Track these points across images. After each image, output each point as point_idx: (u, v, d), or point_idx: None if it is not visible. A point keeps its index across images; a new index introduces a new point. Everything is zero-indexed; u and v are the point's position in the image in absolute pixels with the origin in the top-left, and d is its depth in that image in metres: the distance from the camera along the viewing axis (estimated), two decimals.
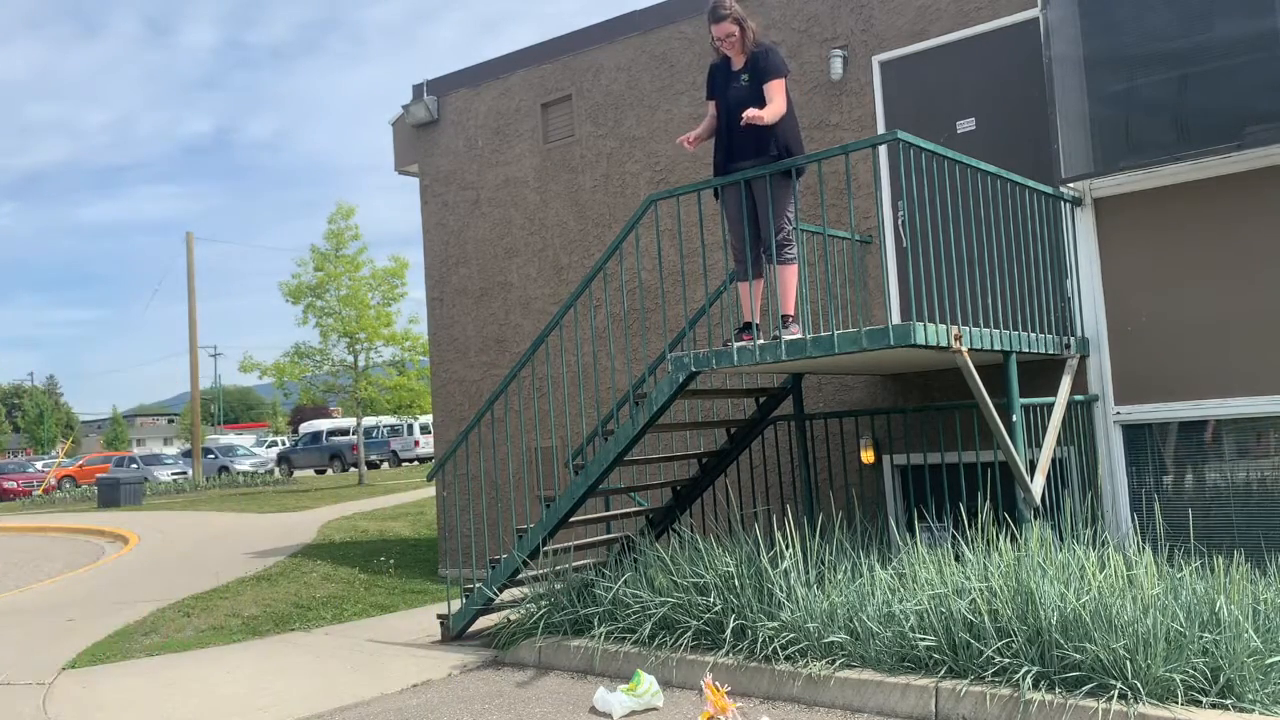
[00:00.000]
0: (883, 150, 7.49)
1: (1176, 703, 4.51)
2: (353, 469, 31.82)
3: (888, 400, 8.05)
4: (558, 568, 7.10)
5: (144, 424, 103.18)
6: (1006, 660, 4.90)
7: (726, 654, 5.80)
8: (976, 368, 5.71)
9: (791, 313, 6.24)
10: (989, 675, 4.93)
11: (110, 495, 25.23)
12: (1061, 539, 5.83)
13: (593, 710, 5.52)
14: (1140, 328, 6.87)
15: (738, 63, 6.35)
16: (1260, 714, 4.41)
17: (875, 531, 7.30)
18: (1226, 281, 6.58)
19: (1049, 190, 6.87)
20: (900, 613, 5.35)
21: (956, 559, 5.66)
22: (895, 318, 7.80)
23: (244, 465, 36.93)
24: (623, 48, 9.80)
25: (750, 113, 5.94)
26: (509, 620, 6.97)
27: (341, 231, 24.55)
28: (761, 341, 6.09)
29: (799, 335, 6.05)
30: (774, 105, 6.11)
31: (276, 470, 36.55)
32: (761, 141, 6.20)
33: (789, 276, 6.22)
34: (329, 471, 35.96)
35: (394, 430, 36.68)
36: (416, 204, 11.48)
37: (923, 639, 5.20)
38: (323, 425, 40.81)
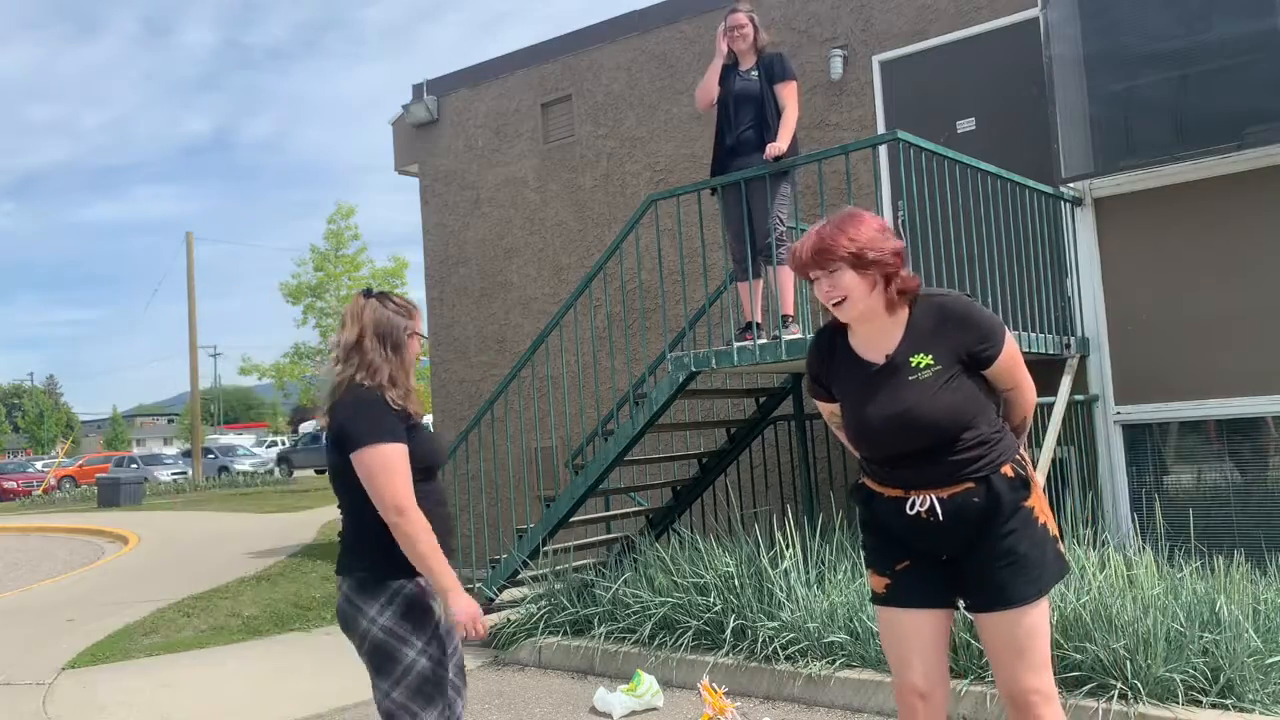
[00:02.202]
0: (883, 150, 7.50)
1: (1177, 703, 4.50)
2: None
3: None
4: (558, 568, 7.09)
5: (144, 424, 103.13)
6: None
7: (726, 654, 5.79)
8: None
9: (791, 312, 6.25)
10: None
11: (110, 495, 25.22)
12: (1061, 539, 5.82)
13: (593, 710, 5.52)
14: (1140, 328, 6.87)
15: (746, 62, 6.40)
16: (1260, 714, 4.40)
17: None
18: (1227, 281, 6.58)
19: (1049, 190, 6.87)
20: None
21: None
22: None
23: (244, 465, 36.87)
24: (623, 48, 9.80)
25: (771, 149, 6.05)
26: (509, 620, 6.97)
27: (341, 231, 24.57)
28: (762, 341, 6.09)
29: (799, 335, 6.05)
30: (789, 111, 6.20)
31: (276, 470, 36.51)
32: (763, 139, 6.23)
33: (785, 277, 6.23)
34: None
35: None
36: (416, 204, 11.48)
37: None
38: None
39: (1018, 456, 2.92)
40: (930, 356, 2.86)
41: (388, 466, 2.91)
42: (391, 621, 2.96)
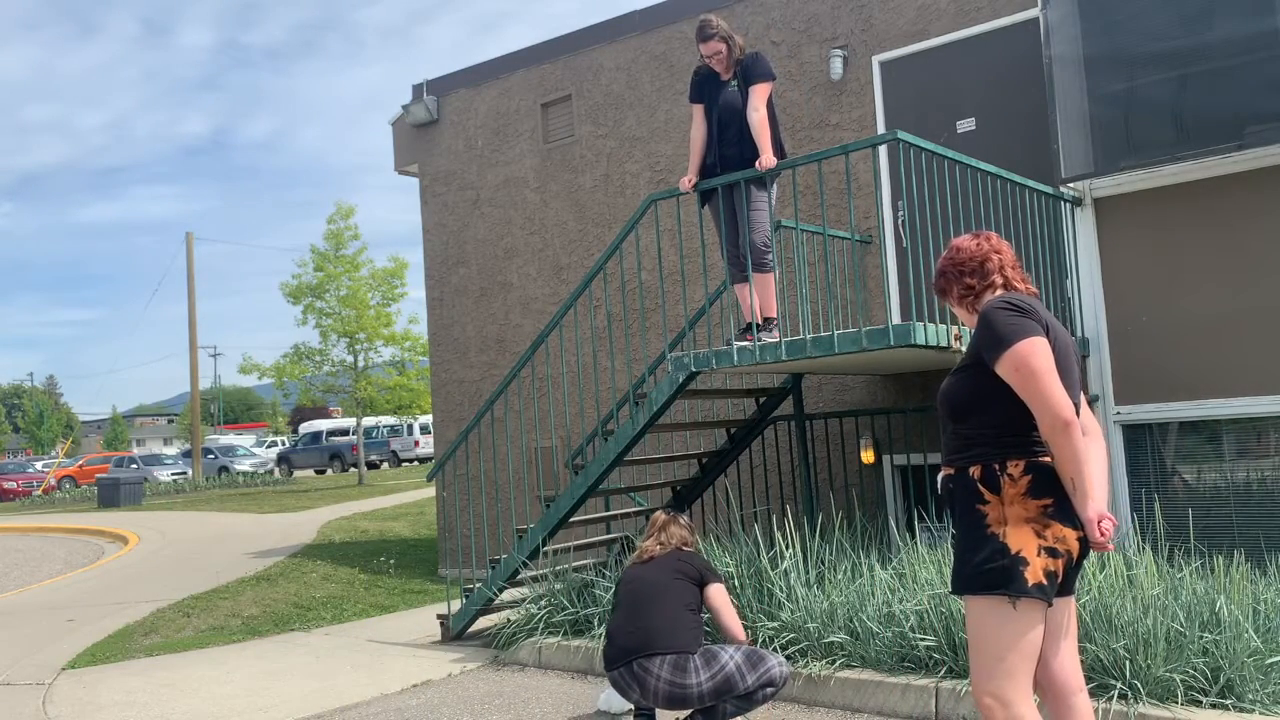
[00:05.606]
0: (883, 150, 7.49)
1: (1176, 703, 4.51)
2: (352, 469, 31.81)
3: (888, 400, 8.05)
4: (557, 568, 7.09)
5: (144, 424, 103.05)
6: None
7: None
8: None
9: (773, 315, 6.28)
10: None
11: (110, 495, 25.22)
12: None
13: (594, 710, 5.52)
14: (1140, 328, 6.87)
15: (726, 76, 6.41)
16: (1260, 714, 4.40)
17: (875, 531, 7.30)
18: (1226, 281, 6.58)
19: (1049, 190, 6.87)
20: (900, 613, 5.35)
21: None
22: (895, 318, 7.80)
23: (244, 465, 36.88)
24: (623, 48, 9.80)
25: (762, 162, 6.07)
26: (509, 620, 6.97)
27: (341, 232, 24.51)
28: (762, 341, 6.09)
29: (778, 339, 6.10)
30: (757, 114, 6.18)
31: (276, 470, 36.53)
32: (744, 154, 6.25)
33: (765, 284, 6.27)
34: (329, 471, 35.95)
35: (394, 430, 36.64)
36: (416, 204, 11.48)
37: (923, 639, 5.20)
38: (322, 425, 40.77)
39: (996, 465, 3.11)
40: (966, 345, 3.30)
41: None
42: None
